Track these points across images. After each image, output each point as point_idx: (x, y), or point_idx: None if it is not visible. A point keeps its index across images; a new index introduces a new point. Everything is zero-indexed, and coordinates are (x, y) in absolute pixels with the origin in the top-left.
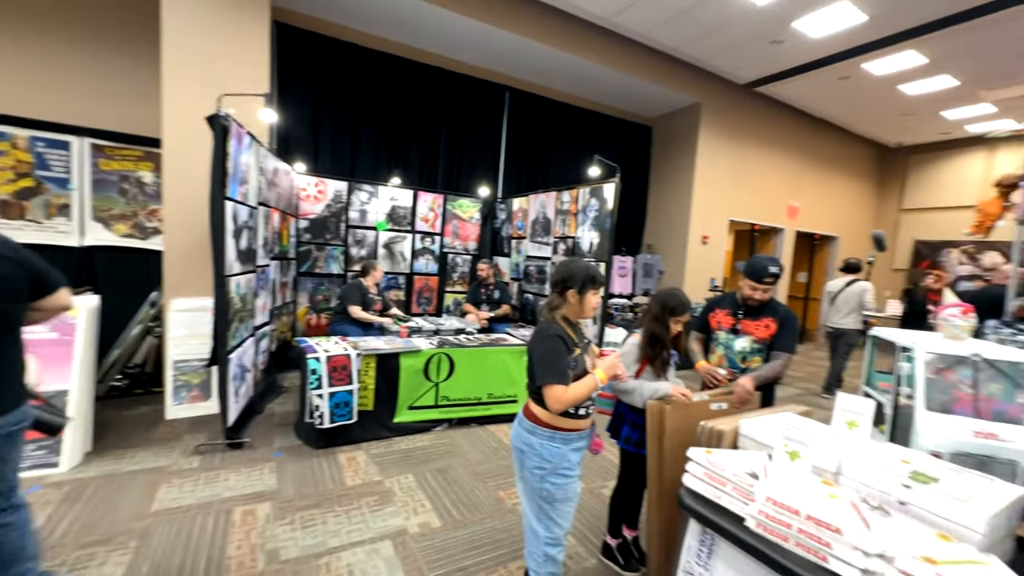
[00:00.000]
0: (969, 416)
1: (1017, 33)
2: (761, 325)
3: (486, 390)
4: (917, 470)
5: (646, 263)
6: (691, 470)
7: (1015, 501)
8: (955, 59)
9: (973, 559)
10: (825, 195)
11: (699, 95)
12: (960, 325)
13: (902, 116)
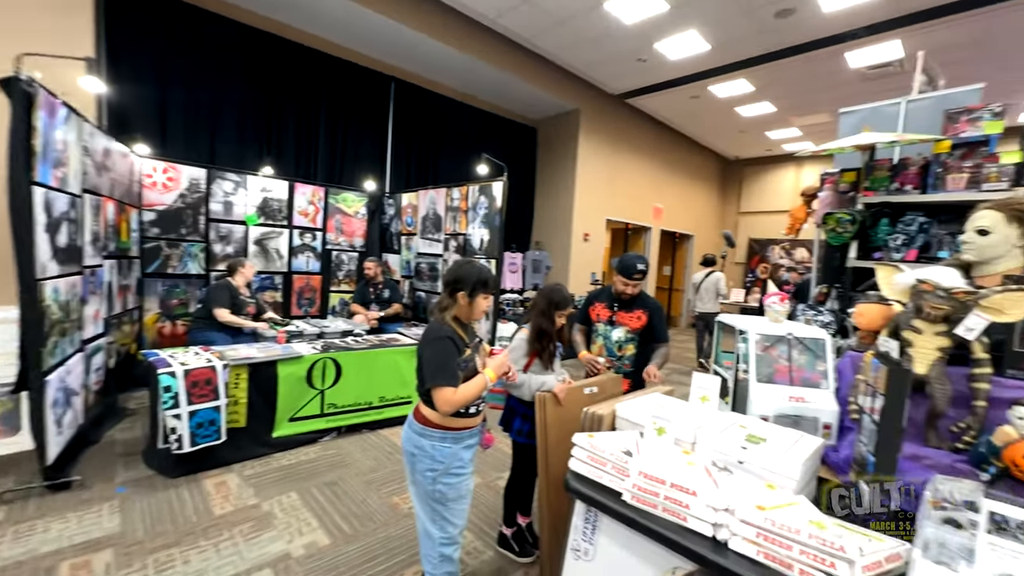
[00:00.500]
0: (786, 384)
1: (816, 72)
2: (634, 316)
3: (377, 393)
4: (751, 433)
5: (535, 259)
6: (576, 454)
7: (816, 450)
8: (774, 89)
9: (790, 501)
10: (682, 198)
11: (578, 102)
12: (779, 310)
13: (739, 133)
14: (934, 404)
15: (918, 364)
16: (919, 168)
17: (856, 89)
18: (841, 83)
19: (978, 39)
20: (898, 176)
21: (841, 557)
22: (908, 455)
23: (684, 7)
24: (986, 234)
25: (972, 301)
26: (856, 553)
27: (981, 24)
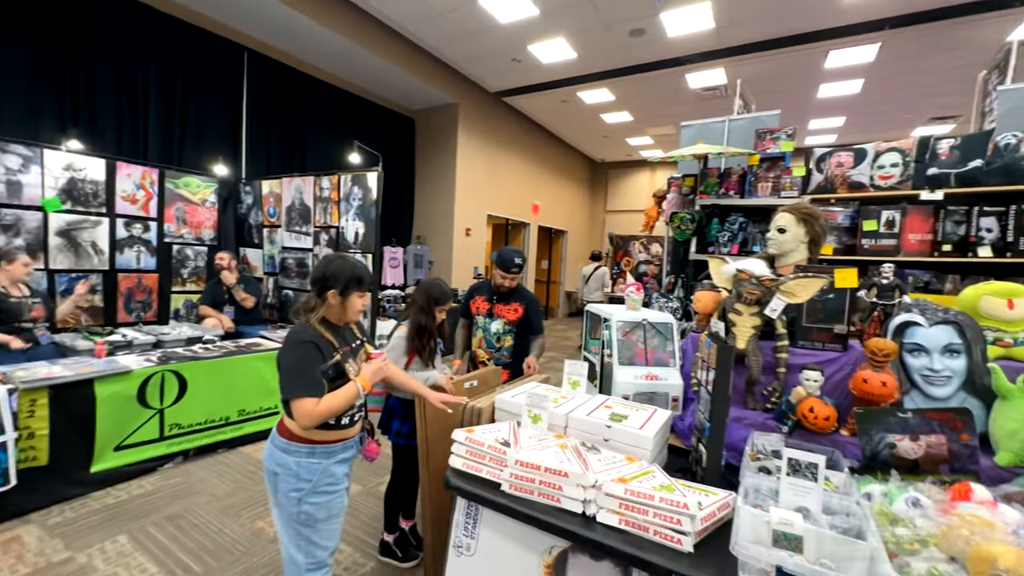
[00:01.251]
0: (642, 365)
1: (664, 88)
2: (511, 309)
3: (236, 407)
4: (615, 412)
5: (416, 253)
6: (455, 451)
7: (666, 422)
8: (631, 100)
9: (646, 471)
10: (557, 196)
11: (457, 96)
12: (635, 298)
13: (603, 138)
14: (750, 373)
15: (739, 340)
16: (739, 177)
17: (694, 107)
18: (683, 100)
19: (776, 74)
20: (724, 183)
21: (685, 513)
22: (733, 418)
23: (553, 15)
24: (783, 232)
25: (775, 287)
26: (696, 508)
27: (775, 63)
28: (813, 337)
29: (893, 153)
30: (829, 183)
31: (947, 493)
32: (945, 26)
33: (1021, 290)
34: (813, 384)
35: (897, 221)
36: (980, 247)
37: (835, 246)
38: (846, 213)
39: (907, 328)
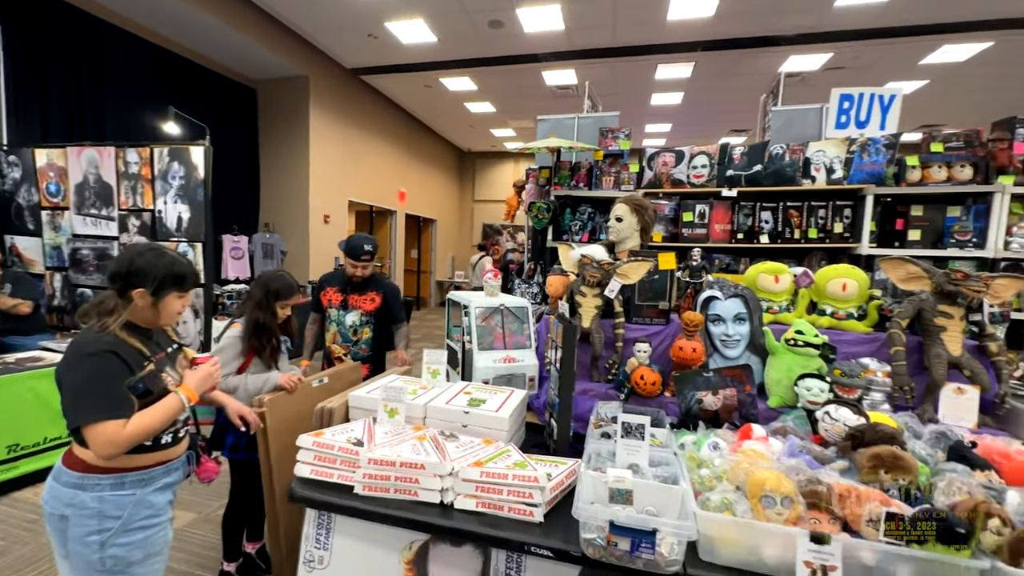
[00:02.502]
0: (501, 349)
1: (523, 83)
2: (367, 299)
3: (5, 442)
4: (473, 397)
5: (265, 243)
6: (301, 458)
7: (521, 402)
8: (493, 92)
9: (502, 451)
10: (425, 184)
11: (307, 68)
12: (493, 284)
13: (469, 127)
14: (594, 349)
15: (584, 320)
16: (587, 170)
17: (551, 103)
18: (540, 96)
19: (618, 79)
20: (575, 175)
21: (535, 486)
22: (580, 391)
23: None
24: (620, 221)
25: (612, 270)
26: (545, 480)
27: (617, 69)
28: (644, 313)
29: (703, 156)
30: (657, 179)
31: (737, 435)
32: (737, 55)
33: (784, 268)
34: (643, 355)
35: (707, 213)
36: (761, 235)
37: (663, 234)
38: (670, 206)
39: (710, 302)
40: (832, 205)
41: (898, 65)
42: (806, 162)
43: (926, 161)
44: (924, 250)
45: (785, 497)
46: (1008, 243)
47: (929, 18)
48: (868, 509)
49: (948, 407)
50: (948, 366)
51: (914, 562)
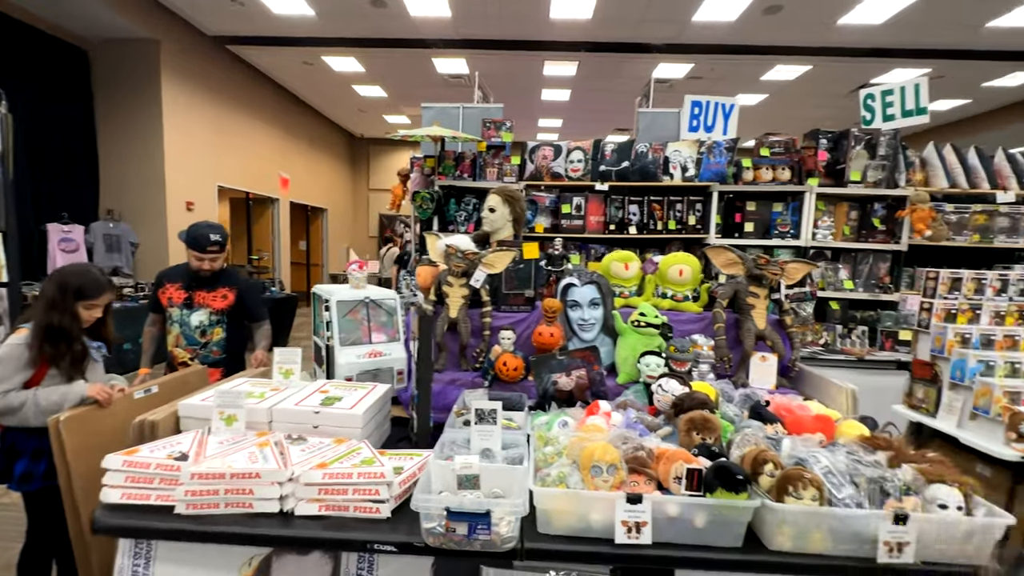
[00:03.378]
0: (366, 343)
1: (414, 69)
2: (218, 296)
3: None
4: (330, 396)
5: (109, 233)
6: (108, 481)
7: (382, 396)
8: (382, 76)
9: (352, 449)
10: (314, 171)
11: (157, 31)
12: (358, 276)
13: (359, 112)
14: (461, 338)
15: (451, 310)
16: (471, 161)
17: (443, 91)
18: (432, 84)
19: (510, 73)
20: (459, 165)
21: (381, 482)
22: (448, 381)
23: None
24: (494, 211)
25: (477, 260)
26: (392, 475)
27: (508, 63)
28: (511, 302)
29: (579, 151)
30: (538, 172)
31: (585, 412)
32: (616, 59)
33: (632, 256)
34: (508, 342)
35: (583, 206)
36: (630, 226)
37: (545, 225)
38: (551, 198)
39: (568, 288)
40: (687, 200)
41: (745, 79)
42: (665, 160)
43: (756, 163)
44: (756, 240)
45: (610, 465)
46: (815, 234)
47: (764, 40)
48: (674, 468)
49: (755, 373)
50: (756, 338)
51: (707, 509)
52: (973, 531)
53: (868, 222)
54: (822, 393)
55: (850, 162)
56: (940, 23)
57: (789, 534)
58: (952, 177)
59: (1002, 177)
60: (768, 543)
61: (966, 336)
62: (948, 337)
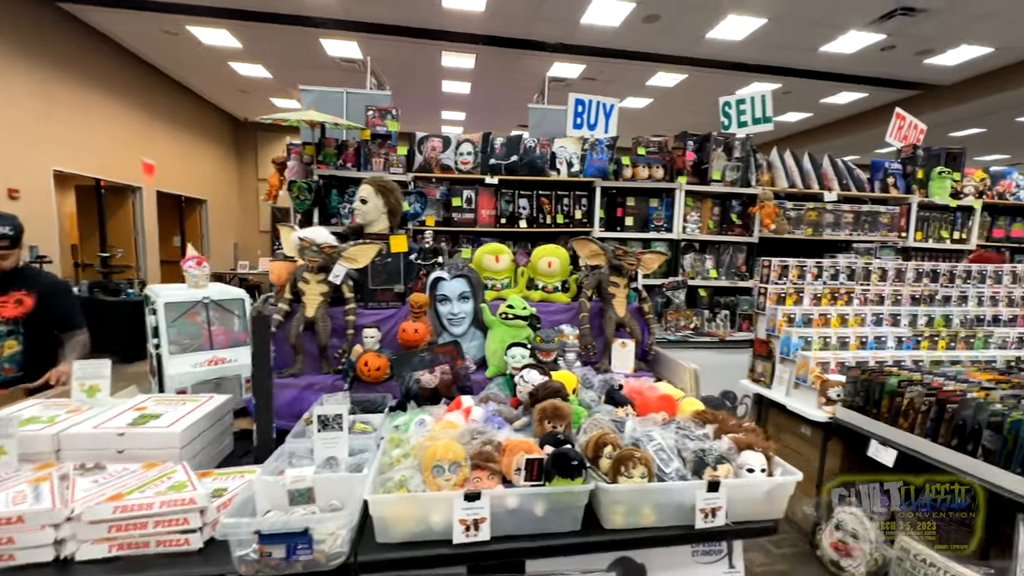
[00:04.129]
0: (207, 350)
1: (300, 48)
2: (9, 301)
3: None
4: (146, 413)
5: None
6: None
7: (216, 409)
8: (264, 54)
9: (165, 473)
10: (189, 158)
11: None
12: (196, 274)
13: (241, 93)
14: (319, 339)
15: (308, 308)
16: (355, 150)
17: (335, 75)
18: (322, 66)
19: (408, 61)
20: (342, 154)
21: (191, 509)
22: (305, 385)
23: None
24: (365, 203)
25: (335, 253)
26: (206, 499)
27: (404, 50)
28: (379, 298)
29: (468, 144)
30: (427, 164)
31: (446, 409)
32: (513, 55)
33: (503, 249)
34: (372, 340)
35: (473, 199)
36: (520, 220)
37: (436, 218)
38: (442, 191)
39: (438, 283)
40: (573, 195)
41: (632, 83)
42: (552, 156)
43: (635, 162)
44: (636, 233)
45: (453, 463)
46: (685, 228)
47: (645, 47)
48: (515, 460)
49: (616, 358)
50: (616, 326)
51: (544, 497)
52: (772, 490)
53: (728, 217)
54: (672, 373)
55: (712, 163)
56: (785, 45)
57: (622, 512)
58: (791, 178)
59: (828, 179)
60: (604, 522)
61: (791, 316)
62: (778, 318)
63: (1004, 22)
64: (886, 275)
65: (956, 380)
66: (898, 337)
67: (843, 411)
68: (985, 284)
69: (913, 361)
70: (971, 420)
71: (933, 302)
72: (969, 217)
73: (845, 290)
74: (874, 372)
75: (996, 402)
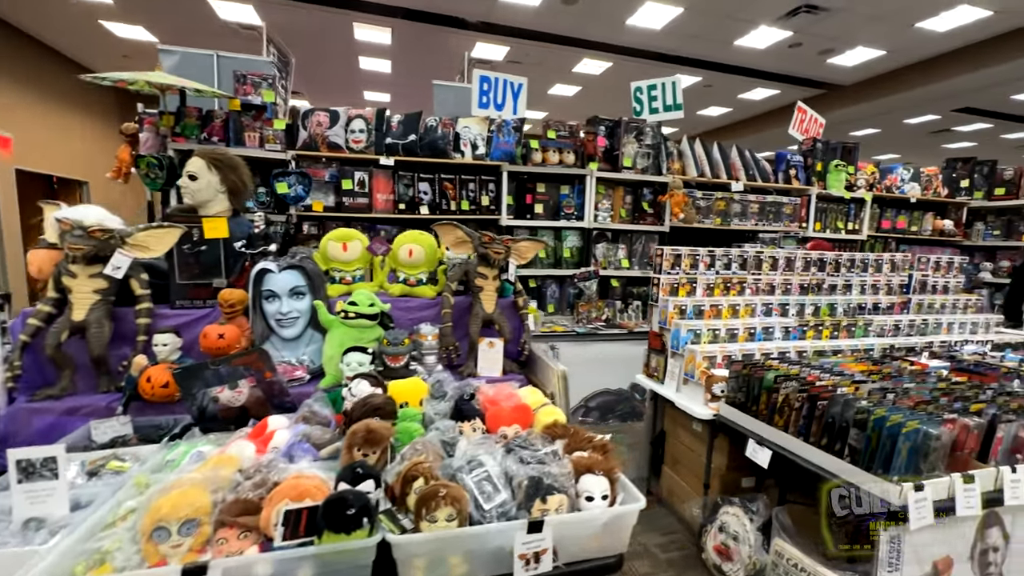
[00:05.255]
0: None
1: (187, 12)
2: None
3: None
4: None
5: None
6: None
7: None
8: (142, 12)
9: None
10: (65, 134)
11: None
12: None
13: (124, 58)
14: (91, 348)
15: (77, 310)
16: (222, 122)
17: (232, 42)
18: (214, 32)
19: (316, 33)
20: (207, 127)
21: None
22: (65, 409)
23: None
24: (195, 179)
25: (115, 239)
26: None
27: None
28: (191, 295)
29: (360, 120)
30: (313, 141)
31: (248, 433)
32: (433, 31)
33: (354, 234)
34: (165, 349)
35: (367, 182)
36: (421, 206)
37: (324, 203)
38: (331, 172)
39: (264, 275)
40: (479, 180)
41: (559, 69)
42: (456, 137)
43: (544, 145)
44: (546, 221)
45: (187, 522)
46: (597, 216)
47: (567, 30)
48: (274, 512)
49: (483, 360)
50: (483, 323)
51: (311, 560)
52: (610, 522)
53: (639, 206)
54: (543, 376)
55: (623, 148)
56: (701, 36)
57: (422, 566)
58: (700, 168)
59: (736, 170)
60: None
61: (683, 308)
62: (668, 309)
63: (894, 25)
64: (777, 264)
65: (832, 373)
66: (785, 327)
67: (726, 408)
68: (867, 273)
69: (797, 352)
70: (839, 417)
71: (821, 291)
72: (861, 209)
73: (737, 280)
74: (755, 367)
75: (863, 397)
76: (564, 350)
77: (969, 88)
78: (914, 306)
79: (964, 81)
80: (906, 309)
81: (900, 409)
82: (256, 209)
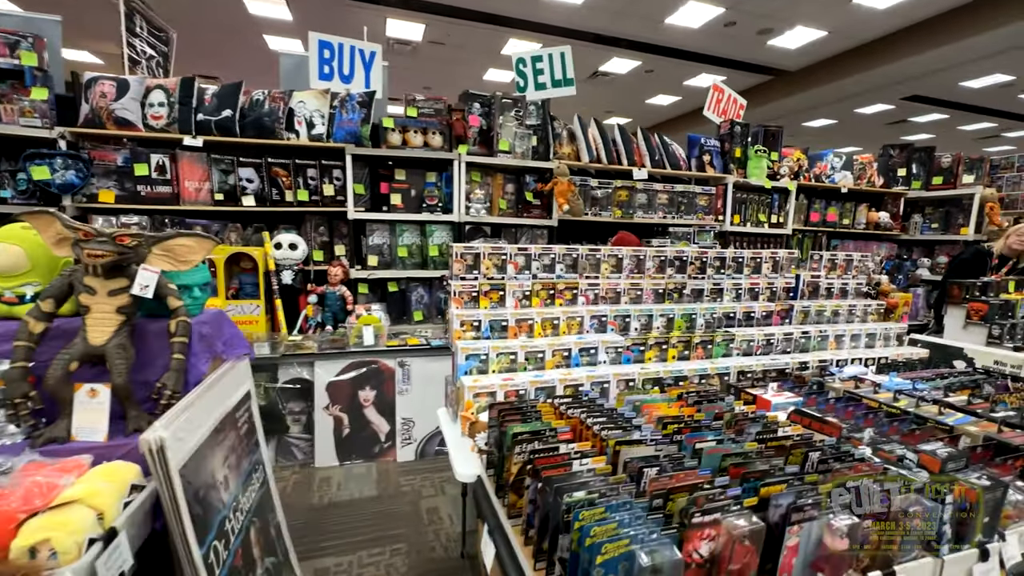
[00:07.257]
0: None
1: None
2: None
3: None
4: None
5: None
6: None
7: None
8: None
9: None
10: None
11: None
12: None
13: None
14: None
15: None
16: None
17: None
18: None
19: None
20: None
21: None
22: None
23: None
24: None
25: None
26: None
27: None
28: None
29: (160, 92)
30: (96, 116)
31: None
32: (337, 4)
33: (15, 235)
34: None
35: (169, 167)
36: (245, 197)
37: (116, 192)
38: (125, 155)
39: None
40: (321, 165)
41: (487, 51)
42: (289, 113)
43: (404, 125)
44: (407, 215)
45: None
46: (469, 208)
47: (486, 6)
48: None
49: (81, 417)
50: (83, 360)
51: None
52: None
53: (523, 196)
54: None
55: (499, 130)
56: (626, 12)
57: None
58: (594, 152)
59: (639, 155)
60: None
61: (476, 323)
62: (454, 326)
63: (831, 3)
64: (621, 265)
65: (617, 423)
66: (616, 347)
67: (482, 469)
68: (742, 275)
69: (624, 381)
70: (554, 515)
71: (682, 298)
72: (786, 200)
73: (565, 285)
74: (511, 411)
75: (601, 476)
76: (418, 367)
77: (916, 73)
78: (797, 315)
79: (911, 65)
80: (788, 319)
81: (628, 507)
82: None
